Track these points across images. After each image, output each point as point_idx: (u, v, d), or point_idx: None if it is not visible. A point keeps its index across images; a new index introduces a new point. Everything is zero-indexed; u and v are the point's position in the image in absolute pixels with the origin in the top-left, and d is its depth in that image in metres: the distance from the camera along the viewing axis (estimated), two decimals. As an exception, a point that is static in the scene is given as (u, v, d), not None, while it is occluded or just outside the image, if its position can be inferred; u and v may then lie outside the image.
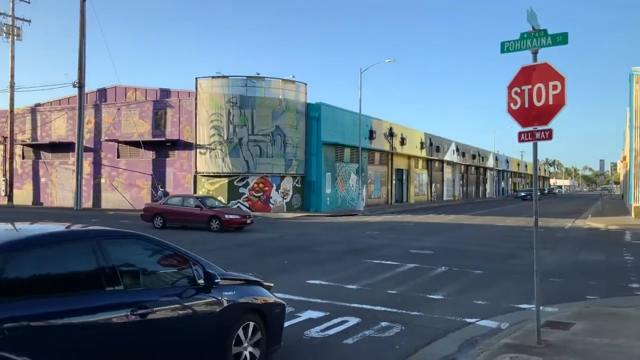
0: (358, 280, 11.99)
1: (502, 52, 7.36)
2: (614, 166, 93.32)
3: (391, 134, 50.74)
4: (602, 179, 61.01)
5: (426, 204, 56.57)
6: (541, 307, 8.44)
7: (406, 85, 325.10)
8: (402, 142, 52.98)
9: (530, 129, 7.24)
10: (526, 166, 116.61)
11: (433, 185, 64.76)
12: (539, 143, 7.29)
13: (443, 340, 7.56)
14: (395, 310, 9.18)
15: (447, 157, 67.52)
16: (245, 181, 37.36)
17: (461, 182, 76.17)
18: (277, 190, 38.01)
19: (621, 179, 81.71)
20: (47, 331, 4.11)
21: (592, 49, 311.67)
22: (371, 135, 46.32)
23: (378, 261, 14.94)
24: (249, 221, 24.19)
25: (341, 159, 43.05)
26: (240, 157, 36.97)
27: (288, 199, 38.58)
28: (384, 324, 8.25)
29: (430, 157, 61.85)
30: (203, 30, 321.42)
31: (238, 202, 37.15)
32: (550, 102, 7.01)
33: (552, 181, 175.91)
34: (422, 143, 58.57)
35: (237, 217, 24.19)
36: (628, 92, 36.22)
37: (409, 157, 56.75)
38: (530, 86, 7.15)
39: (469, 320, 8.62)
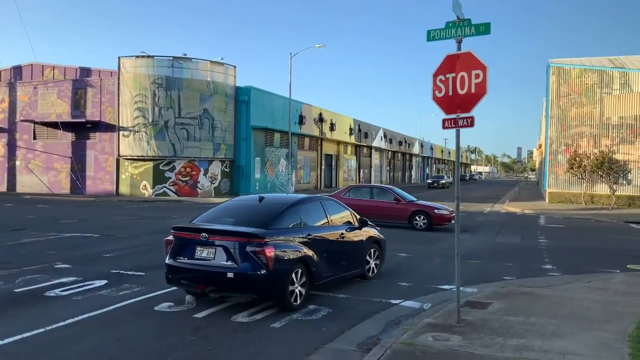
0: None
1: (428, 40, 7.52)
2: (530, 154, 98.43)
3: (321, 119, 51.00)
4: (519, 166, 64.40)
5: (354, 189, 57.39)
6: (461, 288, 8.80)
7: (336, 72, 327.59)
8: (332, 127, 53.40)
9: (453, 116, 7.46)
10: (449, 153, 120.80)
11: (361, 170, 65.82)
12: (461, 130, 7.53)
13: (369, 321, 7.73)
14: (323, 293, 9.27)
15: (375, 144, 68.76)
16: (171, 165, 36.46)
17: (388, 168, 77.86)
18: (205, 174, 37.37)
19: (537, 166, 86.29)
20: (316, 241, 8.90)
21: (514, 41, 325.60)
22: (301, 120, 46.37)
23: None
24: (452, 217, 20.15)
25: (271, 144, 42.86)
26: (166, 140, 35.99)
27: (216, 184, 38.05)
28: (311, 307, 8.32)
29: (359, 143, 62.75)
30: (129, 10, 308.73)
31: (164, 186, 36.23)
32: (473, 91, 7.24)
33: (473, 167, 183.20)
34: (351, 129, 59.28)
35: (446, 212, 20.08)
36: (545, 83, 38.13)
37: (338, 142, 57.31)
38: (454, 74, 7.35)
39: (393, 301, 8.85)
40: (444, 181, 63.71)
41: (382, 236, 11.22)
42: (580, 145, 34.06)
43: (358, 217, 10.56)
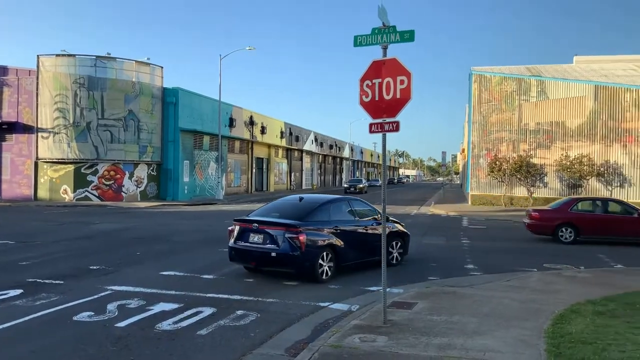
0: (215, 270, 11.82)
1: (354, 46, 7.62)
2: (454, 158, 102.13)
3: (252, 122, 50.64)
4: (444, 169, 66.47)
5: (286, 192, 57.41)
6: (388, 289, 8.97)
7: (267, 76, 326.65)
8: (263, 131, 53.14)
9: (379, 120, 7.59)
10: (378, 157, 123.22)
11: (292, 174, 65.89)
12: (388, 135, 7.67)
13: (297, 325, 7.72)
14: (251, 298, 9.19)
15: (307, 147, 69.06)
16: (94, 168, 35.05)
17: (319, 171, 78.41)
18: (130, 178, 36.18)
19: (460, 169, 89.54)
20: (343, 232, 11.20)
21: (440, 48, 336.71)
22: (231, 123, 45.84)
23: (236, 250, 14.84)
24: None
25: (200, 147, 42.09)
26: (88, 142, 34.58)
27: (142, 188, 36.92)
28: (239, 312, 8.22)
29: (290, 147, 62.82)
30: (48, 7, 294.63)
31: (86, 190, 34.77)
32: (398, 96, 7.41)
33: (400, 171, 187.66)
34: (282, 132, 59.23)
35: None
36: (468, 90, 39.65)
37: (269, 146, 57.11)
38: (380, 80, 7.49)
39: (322, 304, 8.89)
40: (361, 185, 57.66)
41: (406, 231, 13.55)
42: (501, 149, 35.64)
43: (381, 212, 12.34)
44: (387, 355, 6.03)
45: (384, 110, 7.54)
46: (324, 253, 10.73)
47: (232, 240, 11.25)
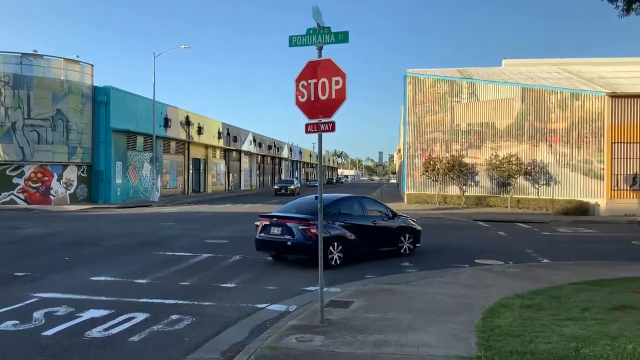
0: (148, 274, 11.51)
1: (290, 46, 7.61)
2: (391, 158, 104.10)
3: (188, 122, 49.72)
4: (381, 169, 67.57)
5: (224, 193, 56.73)
6: (326, 288, 9.02)
7: (204, 76, 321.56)
8: (200, 131, 52.28)
9: (315, 121, 7.62)
10: (317, 157, 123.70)
11: (231, 175, 65.18)
12: (326, 135, 7.71)
13: (234, 327, 7.62)
14: (187, 302, 9.01)
15: (245, 147, 68.49)
16: (20, 170, 33.41)
17: (258, 172, 77.94)
18: (58, 180, 34.72)
19: (397, 169, 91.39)
20: (353, 223, 13.11)
21: (376, 51, 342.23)
22: (166, 123, 44.83)
23: (171, 253, 14.53)
24: None
25: (134, 147, 40.92)
26: (14, 143, 32.92)
27: (72, 190, 35.52)
28: (174, 317, 8.03)
29: (228, 147, 62.11)
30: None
31: (11, 194, 33.07)
32: (333, 96, 7.45)
33: (339, 171, 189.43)
34: (219, 133, 58.47)
35: None
36: (403, 91, 40.50)
37: (207, 146, 56.25)
38: (315, 80, 7.51)
39: (260, 305, 8.83)
40: (293, 186, 54.84)
41: (417, 226, 15.19)
42: (434, 149, 36.63)
43: (393, 211, 14.94)
44: (323, 354, 6.05)
45: (319, 111, 7.57)
46: (334, 243, 12.56)
47: (257, 233, 13.17)
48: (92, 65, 37.03)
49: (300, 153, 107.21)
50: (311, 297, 9.20)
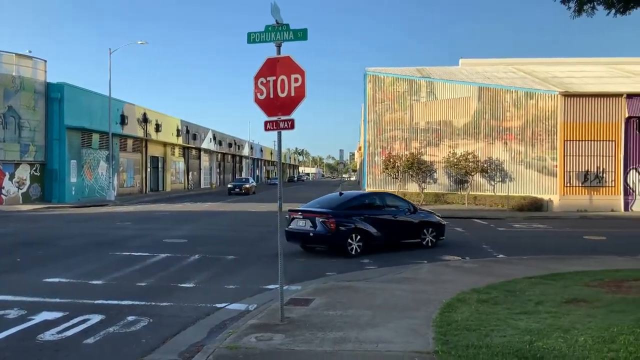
0: (104, 274, 11.23)
1: (248, 43, 7.55)
2: (352, 155, 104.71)
3: (145, 119, 48.77)
4: (342, 167, 67.94)
5: (183, 192, 55.93)
6: (286, 286, 8.99)
7: (162, 73, 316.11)
8: (158, 128, 51.36)
9: (274, 118, 7.58)
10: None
11: (190, 173, 64.31)
12: (287, 133, 7.68)
13: (192, 328, 7.52)
14: (143, 303, 8.84)
15: (205, 145, 67.68)
16: (-32, 169, 32.09)
17: (218, 170, 77.17)
18: (10, 179, 33.52)
19: (358, 167, 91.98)
20: (373, 218, 14.41)
21: (337, 49, 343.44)
22: (123, 120, 43.85)
23: (128, 253, 14.23)
24: None
25: (89, 145, 39.90)
26: (-39, 141, 31.59)
27: (25, 190, 34.37)
28: (130, 318, 7.86)
29: (187, 145, 61.25)
30: None
31: (-41, 193, 31.77)
32: (293, 94, 7.43)
33: (300, 169, 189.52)
34: (178, 130, 57.59)
35: None
36: (363, 90, 40.75)
37: (165, 144, 55.33)
38: (275, 77, 7.47)
39: (219, 305, 8.74)
40: (248, 185, 51.84)
41: (441, 221, 16.25)
42: (394, 147, 37.02)
43: (415, 206, 16.16)
44: (283, 352, 6.03)
45: (279, 108, 7.54)
46: (353, 234, 13.88)
47: (287, 226, 14.41)
48: (45, 61, 35.93)
49: (261, 151, 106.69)
50: (272, 296, 9.16)
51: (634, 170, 30.93)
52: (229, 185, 54.06)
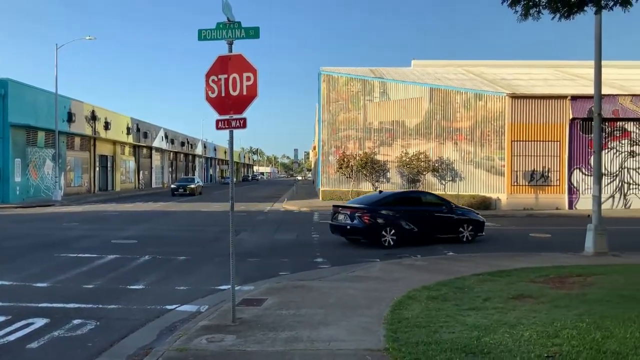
0: (49, 277, 10.86)
1: (199, 40, 7.43)
2: (307, 155, 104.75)
3: (94, 117, 47.39)
4: (296, 166, 67.86)
5: (134, 191, 54.65)
6: (239, 287, 8.93)
7: (112, 68, 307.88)
8: (107, 126, 49.99)
9: (226, 117, 7.49)
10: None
11: (141, 172, 62.91)
12: (241, 132, 7.61)
13: (141, 330, 7.36)
14: (90, 305, 8.59)
15: (156, 144, 66.34)
16: None
17: (170, 169, 75.79)
18: (-52, 178, 31.97)
19: (312, 166, 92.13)
20: (408, 214, 15.97)
21: (292, 49, 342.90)
22: (70, 118, 42.48)
23: (75, 254, 13.80)
24: None
25: (34, 144, 38.45)
26: None
27: (-36, 189, 32.83)
28: (76, 321, 7.63)
29: (138, 143, 59.88)
30: None
31: None
32: (245, 93, 7.36)
33: (255, 168, 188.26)
34: (128, 128, 56.23)
35: None
36: (317, 89, 40.85)
37: (115, 142, 53.93)
38: (226, 75, 7.38)
39: (169, 307, 8.58)
40: (193, 185, 48.52)
41: (480, 218, 17.32)
42: (348, 147, 37.25)
43: (451, 204, 17.25)
44: (234, 354, 5.98)
45: (230, 107, 7.46)
46: (387, 228, 15.48)
47: (330, 220, 16.72)
48: (-14, 55, 34.41)
49: (215, 150, 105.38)
50: (224, 296, 9.06)
51: (578, 170, 32.16)
52: (172, 186, 49.98)
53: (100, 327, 7.42)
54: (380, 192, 17.65)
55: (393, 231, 15.49)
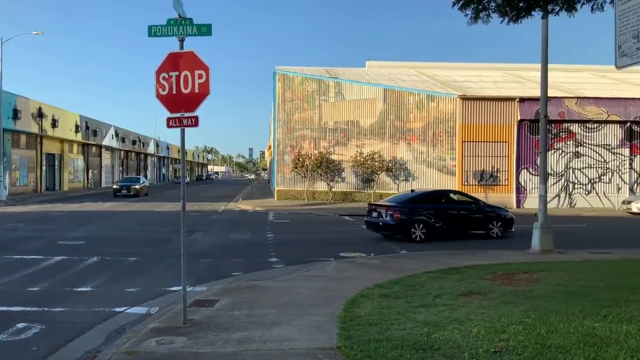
0: (-9, 280, 10.42)
1: (149, 36, 7.28)
2: (262, 154, 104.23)
3: (41, 114, 45.74)
4: (251, 165, 67.23)
5: (82, 191, 53.09)
6: (191, 287, 8.80)
7: (60, 65, 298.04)
8: (54, 124, 48.33)
9: (178, 115, 7.37)
10: (186, 153, 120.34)
11: (90, 171, 61.18)
12: (195, 130, 7.52)
13: (89, 333, 7.16)
14: (35, 308, 8.30)
15: (106, 142, 64.61)
16: None
17: (121, 169, 73.98)
18: None
19: (268, 165, 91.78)
20: (437, 211, 17.24)
21: (247, 47, 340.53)
22: (16, 115, 40.85)
23: (19, 256, 13.30)
24: None
25: (-24, 141, 36.82)
26: None
27: None
28: (20, 325, 7.35)
29: (87, 142, 58.17)
30: None
31: None
32: (197, 90, 7.26)
33: (210, 167, 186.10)
34: (77, 126, 54.53)
35: None
36: (273, 88, 40.72)
37: (63, 140, 52.23)
38: (177, 73, 7.26)
39: (118, 309, 8.38)
40: (138, 186, 44.51)
41: (508, 215, 18.41)
42: (303, 146, 37.28)
43: (480, 202, 18.47)
44: (185, 356, 5.88)
45: (182, 105, 7.34)
46: (416, 224, 16.62)
47: (366, 217, 18.02)
48: None
49: (168, 149, 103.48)
50: (175, 298, 8.90)
51: (526, 170, 33.19)
52: (114, 186, 45.74)
53: (46, 331, 7.18)
54: (412, 191, 19.18)
55: (422, 227, 16.65)
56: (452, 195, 19.35)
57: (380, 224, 17.07)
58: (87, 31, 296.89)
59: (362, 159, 34.64)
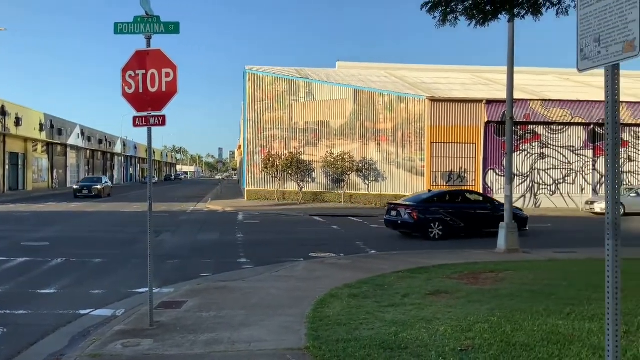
0: (-51, 282, 10.09)
1: (115, 33, 7.15)
2: (232, 154, 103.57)
3: (4, 112, 44.52)
4: (221, 165, 66.83)
5: (47, 191, 51.88)
6: (158, 289, 8.68)
7: (24, 62, 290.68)
8: (18, 122, 47.10)
9: (144, 114, 7.26)
10: (154, 153, 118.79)
11: (55, 171, 59.81)
12: (164, 129, 7.42)
13: (52, 336, 7.00)
14: (-4, 312, 8.06)
15: (72, 141, 63.24)
16: None
17: (87, 168, 72.51)
18: None
19: (238, 165, 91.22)
20: (454, 210, 18.15)
21: (216, 46, 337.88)
22: (-24, 112, 39.71)
23: (-21, 258, 12.90)
24: None
25: None
26: None
27: None
28: (-21, 330, 7.13)
29: (52, 141, 56.88)
30: None
31: None
32: (164, 89, 7.16)
33: (179, 167, 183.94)
34: (41, 125, 53.25)
35: None
36: (243, 88, 40.48)
37: (26, 139, 50.93)
38: (144, 71, 7.15)
39: (83, 311, 8.21)
40: (100, 186, 42.90)
41: (522, 214, 19.28)
42: (274, 146, 37.19)
43: (494, 201, 19.25)
44: (151, 358, 5.79)
45: (149, 103, 7.23)
46: (433, 223, 17.40)
47: (385, 215, 18.82)
48: None
49: (136, 148, 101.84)
50: (142, 300, 8.76)
51: (492, 171, 33.75)
52: (74, 187, 43.70)
53: (8, 334, 6.99)
54: (430, 190, 20.27)
55: (439, 225, 17.44)
56: (468, 195, 20.22)
57: (399, 222, 17.79)
58: (50, 27, 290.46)
59: (332, 160, 34.72)
